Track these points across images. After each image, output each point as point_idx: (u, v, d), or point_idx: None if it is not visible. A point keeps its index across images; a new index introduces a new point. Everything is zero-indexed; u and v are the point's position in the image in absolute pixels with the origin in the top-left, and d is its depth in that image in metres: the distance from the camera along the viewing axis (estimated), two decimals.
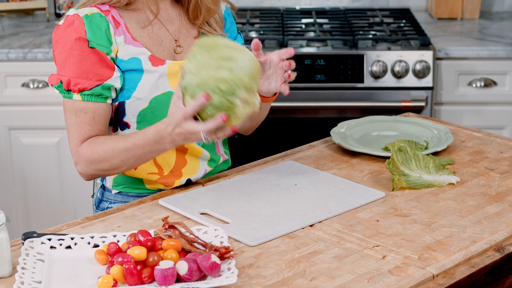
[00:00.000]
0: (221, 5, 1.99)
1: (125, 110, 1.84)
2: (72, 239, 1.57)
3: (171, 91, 1.85)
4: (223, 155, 2.01)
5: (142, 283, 1.42)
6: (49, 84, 1.83)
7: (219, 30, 1.96)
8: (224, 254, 1.47)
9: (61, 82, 1.79)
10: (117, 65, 1.81)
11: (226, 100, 1.62)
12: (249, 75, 1.63)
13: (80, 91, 1.78)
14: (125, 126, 1.85)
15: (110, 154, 1.77)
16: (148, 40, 1.85)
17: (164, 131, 1.71)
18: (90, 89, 1.78)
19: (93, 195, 2.06)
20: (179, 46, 1.90)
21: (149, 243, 1.48)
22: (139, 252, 1.45)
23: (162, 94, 1.84)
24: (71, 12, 1.81)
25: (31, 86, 3.10)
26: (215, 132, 1.66)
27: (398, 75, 3.03)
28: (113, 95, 1.82)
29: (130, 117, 1.84)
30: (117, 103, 1.84)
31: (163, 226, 1.55)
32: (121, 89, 1.83)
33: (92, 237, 1.57)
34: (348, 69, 3.04)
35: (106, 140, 1.79)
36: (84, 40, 1.78)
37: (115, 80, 1.80)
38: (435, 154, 2.05)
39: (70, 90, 1.78)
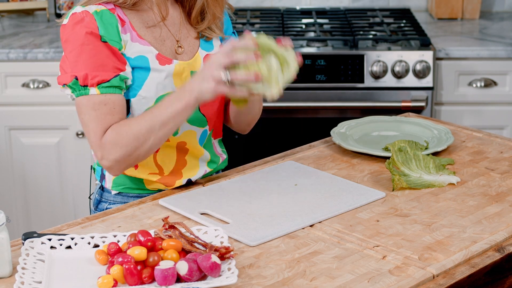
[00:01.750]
0: None
1: (129, 109, 1.83)
2: (72, 239, 1.57)
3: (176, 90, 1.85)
4: (222, 154, 2.01)
5: (142, 283, 1.42)
6: (59, 86, 1.79)
7: (218, 32, 1.95)
8: (224, 254, 1.47)
9: (76, 79, 1.75)
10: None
11: (264, 61, 1.67)
12: (292, 67, 1.69)
13: (99, 83, 1.75)
14: None
15: (136, 128, 1.73)
16: (152, 40, 1.85)
17: (186, 83, 1.72)
18: (109, 80, 1.75)
19: (90, 196, 2.05)
20: (180, 46, 1.89)
21: (149, 243, 1.48)
22: (139, 252, 1.45)
23: (167, 93, 1.84)
24: (78, 9, 1.78)
25: (31, 86, 3.10)
26: (233, 83, 1.66)
27: (398, 75, 3.03)
28: (125, 88, 1.80)
29: (135, 116, 1.83)
30: None
31: (163, 226, 1.55)
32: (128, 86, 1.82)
33: (92, 237, 1.57)
34: (349, 69, 3.04)
35: (131, 118, 1.77)
36: (96, 35, 1.76)
37: (128, 74, 1.79)
38: (435, 154, 2.05)
39: (87, 85, 1.75)
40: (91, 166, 2.04)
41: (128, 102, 1.82)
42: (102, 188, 1.96)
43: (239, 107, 1.81)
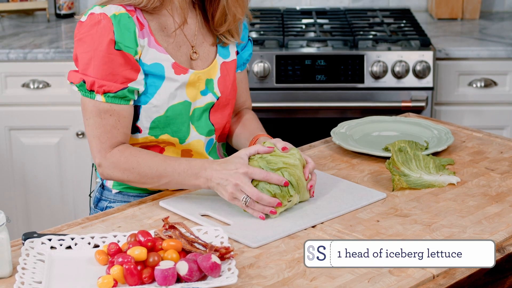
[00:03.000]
0: None
1: (139, 115, 1.82)
2: (72, 239, 1.57)
3: (188, 100, 1.84)
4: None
5: (143, 283, 1.42)
6: (68, 81, 1.79)
7: (236, 37, 1.93)
8: (224, 254, 1.47)
9: (84, 82, 1.75)
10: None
11: (288, 191, 1.69)
12: (304, 198, 1.75)
13: (104, 92, 1.75)
14: (136, 130, 1.84)
15: (144, 169, 1.75)
16: (168, 45, 1.83)
17: (210, 166, 1.71)
18: (115, 92, 1.76)
19: (90, 194, 2.05)
20: (195, 52, 1.88)
21: (149, 243, 1.48)
22: (139, 253, 1.45)
23: (179, 103, 1.83)
24: (97, 10, 1.76)
25: (31, 86, 3.10)
26: (253, 206, 1.68)
27: (398, 76, 3.03)
28: (135, 97, 1.80)
29: (143, 123, 1.82)
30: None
31: (163, 226, 1.55)
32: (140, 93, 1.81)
33: (92, 237, 1.57)
34: (349, 70, 3.04)
35: (144, 154, 1.77)
36: (112, 42, 1.74)
37: (139, 83, 1.78)
38: (436, 154, 2.05)
39: (93, 91, 1.75)
40: (92, 163, 2.04)
41: (138, 107, 1.81)
42: (102, 186, 1.96)
43: None
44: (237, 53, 1.98)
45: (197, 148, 1.89)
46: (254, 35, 3.25)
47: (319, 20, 3.47)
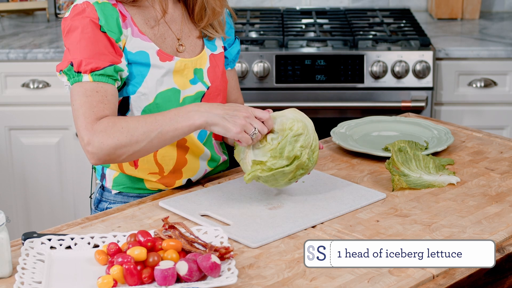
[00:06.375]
0: None
1: (129, 105, 1.83)
2: (72, 239, 1.57)
3: (176, 87, 1.85)
4: (222, 155, 2.01)
5: (142, 283, 1.42)
6: (56, 73, 1.80)
7: (221, 32, 1.95)
8: (224, 254, 1.47)
9: (71, 65, 1.75)
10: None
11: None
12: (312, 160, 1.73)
13: (92, 71, 1.74)
14: None
15: (133, 126, 1.70)
16: (153, 37, 1.85)
17: (203, 103, 1.71)
18: (102, 68, 1.75)
19: (91, 195, 2.06)
20: (181, 45, 1.90)
21: (149, 243, 1.48)
22: (139, 253, 1.45)
23: (167, 90, 1.84)
24: (80, 1, 1.79)
25: (31, 86, 3.10)
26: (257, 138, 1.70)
27: (398, 75, 3.03)
28: (119, 80, 1.79)
29: (134, 113, 1.83)
30: (121, 98, 1.83)
31: (163, 226, 1.55)
32: (127, 83, 1.82)
33: (92, 237, 1.57)
34: (348, 70, 3.04)
35: (130, 116, 1.74)
36: (97, 25, 1.76)
37: (123, 67, 1.79)
38: (435, 154, 2.05)
39: (80, 72, 1.74)
40: (92, 165, 2.04)
41: (127, 99, 1.82)
42: (102, 187, 1.96)
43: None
44: (224, 48, 1.99)
45: (190, 136, 1.89)
46: (254, 35, 3.25)
47: (319, 20, 3.47)
